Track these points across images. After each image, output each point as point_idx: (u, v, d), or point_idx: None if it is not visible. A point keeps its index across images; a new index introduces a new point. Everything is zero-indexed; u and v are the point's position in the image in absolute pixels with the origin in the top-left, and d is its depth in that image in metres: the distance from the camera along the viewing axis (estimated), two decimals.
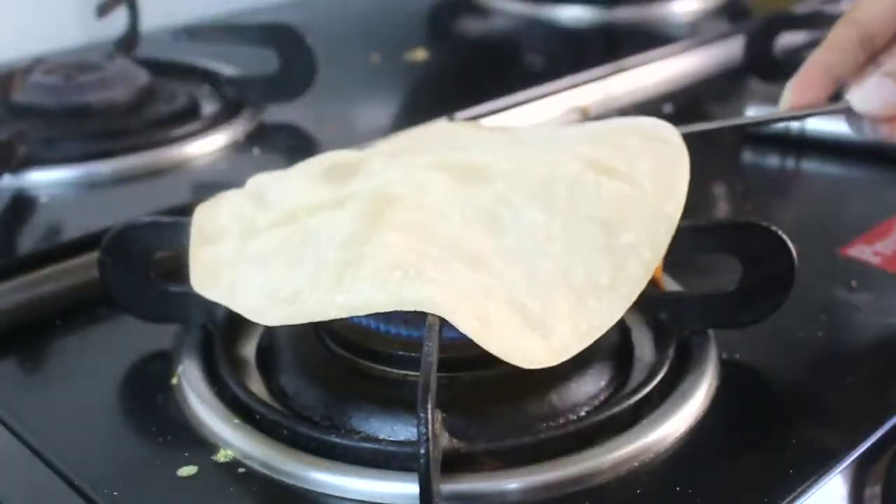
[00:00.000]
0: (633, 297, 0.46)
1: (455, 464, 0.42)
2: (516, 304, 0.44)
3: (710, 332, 0.51)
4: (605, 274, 0.46)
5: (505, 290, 0.44)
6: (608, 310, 0.45)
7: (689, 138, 0.52)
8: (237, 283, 0.47)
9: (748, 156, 0.77)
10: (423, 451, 0.39)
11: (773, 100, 0.56)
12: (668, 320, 0.51)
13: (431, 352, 0.41)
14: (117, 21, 0.85)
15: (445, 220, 0.47)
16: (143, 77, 0.78)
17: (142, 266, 0.51)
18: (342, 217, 0.47)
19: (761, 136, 0.77)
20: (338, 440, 0.44)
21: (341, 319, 0.48)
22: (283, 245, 0.48)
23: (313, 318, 0.44)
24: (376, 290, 0.43)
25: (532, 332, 0.44)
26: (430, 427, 0.39)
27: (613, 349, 0.50)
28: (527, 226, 0.47)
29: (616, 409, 0.46)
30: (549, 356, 0.43)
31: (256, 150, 0.73)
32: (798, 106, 0.55)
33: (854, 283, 0.58)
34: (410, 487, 0.41)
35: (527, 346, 0.43)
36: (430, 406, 0.39)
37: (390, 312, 0.46)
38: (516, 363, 0.42)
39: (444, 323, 0.42)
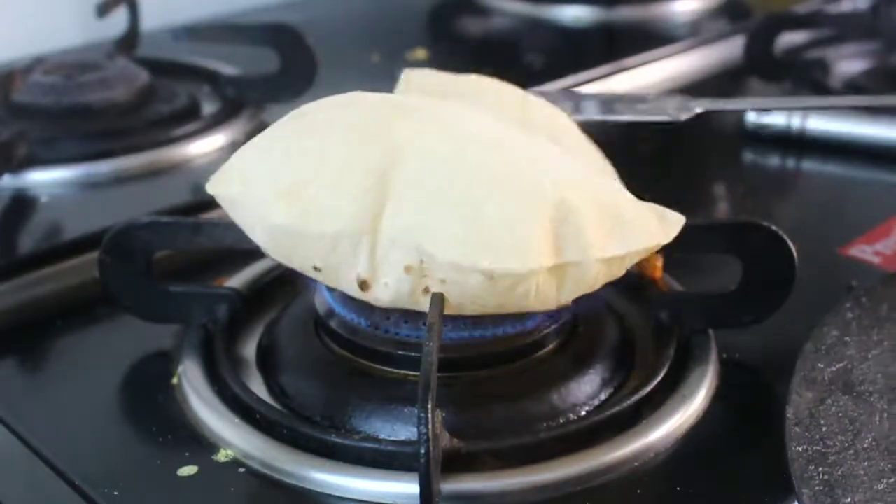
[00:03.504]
0: (644, 246, 0.45)
1: (455, 464, 0.42)
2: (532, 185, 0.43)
3: (710, 332, 0.51)
4: (629, 211, 0.45)
5: (518, 170, 0.44)
6: (623, 242, 0.44)
7: (690, 135, 0.52)
8: (244, 174, 0.46)
9: (748, 156, 0.77)
10: (423, 451, 0.39)
11: None
12: (669, 320, 0.51)
13: (432, 351, 0.41)
14: (117, 21, 0.85)
15: (461, 123, 0.46)
16: (143, 77, 0.78)
17: (142, 266, 0.51)
18: (358, 115, 0.46)
19: (762, 136, 0.77)
20: (338, 440, 0.44)
21: (340, 319, 0.49)
22: (287, 134, 0.47)
23: (316, 228, 0.43)
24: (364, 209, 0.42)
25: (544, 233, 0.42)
26: (430, 427, 0.39)
27: (613, 349, 0.50)
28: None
29: (616, 409, 0.46)
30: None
31: None
32: None
33: (854, 283, 0.58)
34: (411, 487, 0.41)
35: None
36: (430, 406, 0.39)
37: (390, 309, 0.46)
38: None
39: (444, 322, 0.42)
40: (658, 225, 0.46)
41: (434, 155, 0.44)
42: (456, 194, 0.43)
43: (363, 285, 0.43)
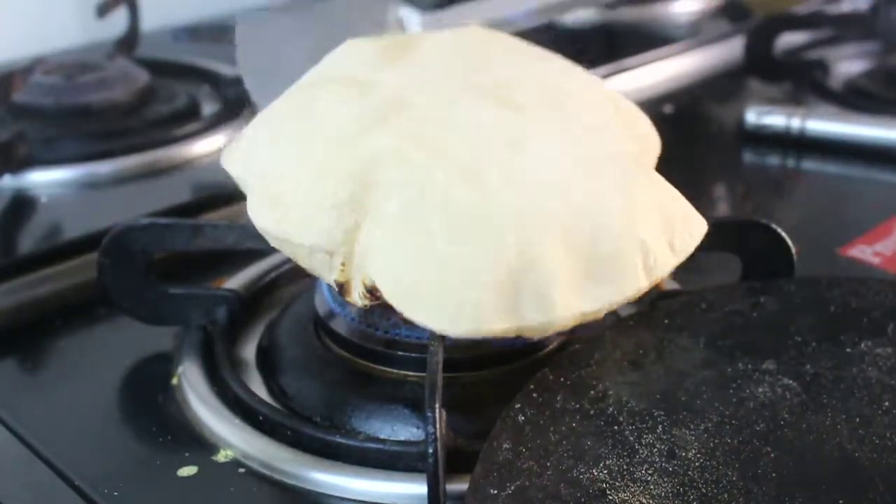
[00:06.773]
0: (623, 297, 0.42)
1: (457, 463, 0.42)
2: (492, 229, 0.40)
3: None
4: (606, 244, 0.42)
5: (484, 207, 0.41)
6: (596, 295, 0.41)
7: (690, 135, 0.51)
8: (247, 152, 0.46)
9: (748, 156, 0.77)
10: (431, 451, 0.39)
11: (773, 100, 0.56)
12: None
13: (437, 350, 0.41)
14: (117, 21, 0.85)
15: (453, 130, 0.44)
16: (143, 77, 0.78)
17: (141, 268, 0.51)
18: (349, 106, 0.45)
19: (761, 136, 0.77)
20: (342, 440, 0.44)
21: (340, 320, 0.49)
22: (286, 110, 0.47)
23: (294, 238, 0.43)
24: (332, 223, 0.42)
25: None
26: (437, 426, 0.39)
27: None
28: (551, 155, 0.44)
29: None
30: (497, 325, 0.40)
31: None
32: None
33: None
34: (413, 487, 0.42)
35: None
36: (437, 405, 0.39)
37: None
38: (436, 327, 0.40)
39: None
40: (661, 252, 0.43)
41: (407, 173, 0.42)
42: (413, 225, 0.41)
43: (341, 290, 0.43)
